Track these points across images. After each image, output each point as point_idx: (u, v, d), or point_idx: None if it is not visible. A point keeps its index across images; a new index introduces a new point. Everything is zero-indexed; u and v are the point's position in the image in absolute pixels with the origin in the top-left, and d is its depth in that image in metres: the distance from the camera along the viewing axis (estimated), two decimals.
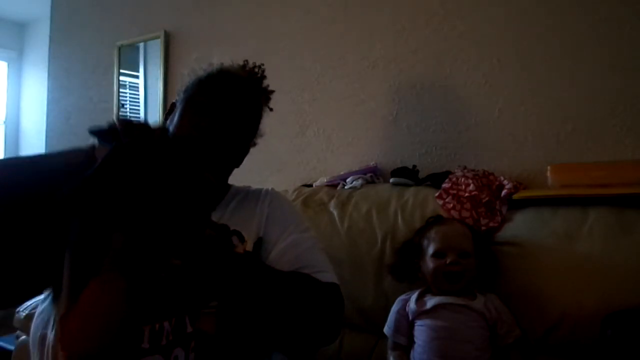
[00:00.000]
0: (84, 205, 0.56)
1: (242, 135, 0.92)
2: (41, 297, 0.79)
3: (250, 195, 0.96)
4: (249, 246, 0.86)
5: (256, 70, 0.97)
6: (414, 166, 1.59)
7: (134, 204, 0.55)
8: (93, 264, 0.64)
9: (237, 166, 0.96)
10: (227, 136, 0.86)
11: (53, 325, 0.71)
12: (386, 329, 1.20)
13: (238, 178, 0.98)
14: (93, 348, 0.61)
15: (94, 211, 0.56)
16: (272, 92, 1.00)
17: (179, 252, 0.62)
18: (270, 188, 0.99)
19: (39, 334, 0.73)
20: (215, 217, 0.84)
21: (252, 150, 0.99)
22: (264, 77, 0.97)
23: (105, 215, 0.56)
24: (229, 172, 0.95)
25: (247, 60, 0.97)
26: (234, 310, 0.76)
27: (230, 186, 0.97)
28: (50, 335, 0.71)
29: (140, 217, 0.56)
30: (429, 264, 1.16)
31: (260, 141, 1.00)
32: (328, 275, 0.86)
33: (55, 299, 0.72)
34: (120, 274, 0.63)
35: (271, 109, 1.00)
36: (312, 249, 0.89)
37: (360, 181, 1.59)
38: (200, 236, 0.61)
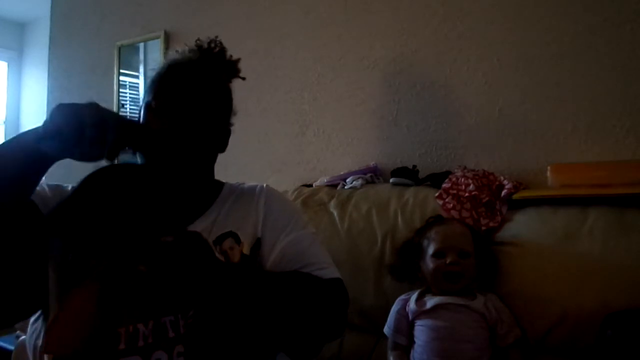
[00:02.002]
0: (57, 229, 0.67)
1: (208, 122, 0.85)
2: None
3: (244, 194, 0.93)
4: (246, 249, 0.84)
5: (212, 45, 0.91)
6: (414, 166, 1.59)
7: (90, 224, 0.65)
8: (75, 276, 0.74)
9: (222, 151, 0.92)
10: (192, 130, 0.82)
11: (43, 337, 0.75)
12: (386, 329, 1.20)
13: (238, 178, 0.98)
14: (72, 349, 0.70)
15: (64, 233, 0.67)
16: (238, 60, 0.93)
17: (141, 259, 0.66)
18: (264, 185, 0.96)
19: (32, 343, 0.75)
20: (210, 218, 0.86)
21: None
22: (223, 49, 0.91)
23: (72, 236, 0.66)
24: (212, 160, 0.91)
25: (199, 39, 0.91)
26: (211, 316, 0.75)
27: (223, 185, 0.94)
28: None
29: (94, 232, 0.65)
30: (429, 264, 1.16)
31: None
32: (329, 271, 0.85)
33: (45, 318, 0.77)
34: (92, 282, 0.73)
35: (243, 78, 0.94)
36: (311, 246, 0.88)
37: (360, 181, 1.59)
38: (156, 243, 0.64)
